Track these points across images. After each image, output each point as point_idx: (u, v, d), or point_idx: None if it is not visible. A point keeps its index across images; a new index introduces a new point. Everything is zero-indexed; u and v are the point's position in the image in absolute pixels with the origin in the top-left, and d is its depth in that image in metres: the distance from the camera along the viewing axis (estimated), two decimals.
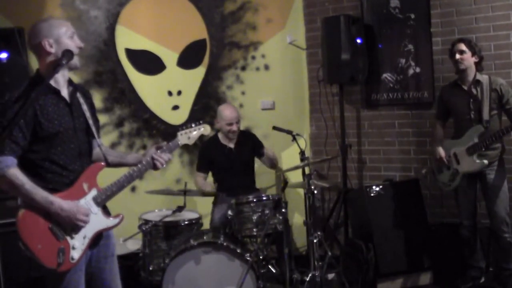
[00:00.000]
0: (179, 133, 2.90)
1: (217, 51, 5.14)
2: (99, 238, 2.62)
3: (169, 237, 3.96)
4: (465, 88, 3.99)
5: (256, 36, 5.23)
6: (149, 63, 4.88)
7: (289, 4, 5.36)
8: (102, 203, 2.60)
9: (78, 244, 2.51)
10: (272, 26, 5.28)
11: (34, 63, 4.38)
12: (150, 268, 3.93)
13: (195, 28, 5.06)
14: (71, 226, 2.49)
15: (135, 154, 2.88)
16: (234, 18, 5.17)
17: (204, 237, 3.76)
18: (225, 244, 3.66)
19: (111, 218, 2.63)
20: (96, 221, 2.57)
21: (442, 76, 4.67)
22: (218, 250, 3.67)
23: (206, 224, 4.46)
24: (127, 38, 4.80)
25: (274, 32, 5.29)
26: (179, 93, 5.01)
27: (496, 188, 3.94)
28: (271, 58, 5.29)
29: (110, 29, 4.74)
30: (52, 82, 2.49)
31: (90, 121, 2.64)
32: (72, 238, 2.50)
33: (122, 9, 4.77)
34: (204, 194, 4.24)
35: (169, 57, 4.96)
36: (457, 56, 3.93)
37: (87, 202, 2.56)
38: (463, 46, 3.92)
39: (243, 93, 5.21)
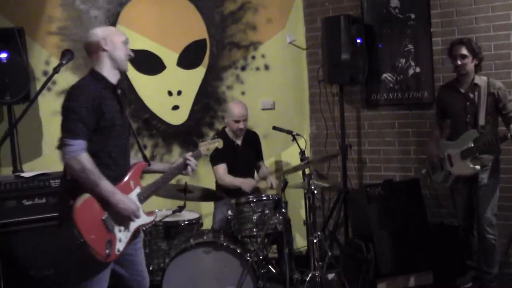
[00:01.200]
0: (200, 144, 3.13)
1: (217, 51, 5.13)
2: (136, 233, 2.77)
3: (169, 237, 3.97)
4: (462, 91, 3.95)
5: (256, 36, 5.23)
6: (149, 63, 4.88)
7: (289, 4, 5.36)
8: (143, 201, 2.76)
9: (123, 238, 2.64)
10: (272, 26, 5.28)
11: (34, 63, 4.44)
12: (150, 268, 3.93)
13: (195, 28, 5.06)
14: (124, 219, 2.62)
15: (160, 163, 3.28)
16: (234, 18, 5.16)
17: (204, 237, 3.76)
18: (225, 244, 3.66)
19: (148, 216, 2.79)
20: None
21: (442, 76, 4.66)
22: (218, 250, 3.67)
23: (207, 224, 4.46)
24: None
25: (274, 32, 5.29)
26: (179, 93, 5.01)
27: (488, 188, 3.91)
28: (271, 58, 5.28)
29: None
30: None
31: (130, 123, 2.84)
32: (119, 231, 2.63)
33: (122, 9, 4.77)
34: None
35: (169, 57, 4.96)
36: (459, 61, 3.85)
37: (133, 198, 2.70)
38: (464, 50, 3.83)
39: (243, 93, 5.21)
